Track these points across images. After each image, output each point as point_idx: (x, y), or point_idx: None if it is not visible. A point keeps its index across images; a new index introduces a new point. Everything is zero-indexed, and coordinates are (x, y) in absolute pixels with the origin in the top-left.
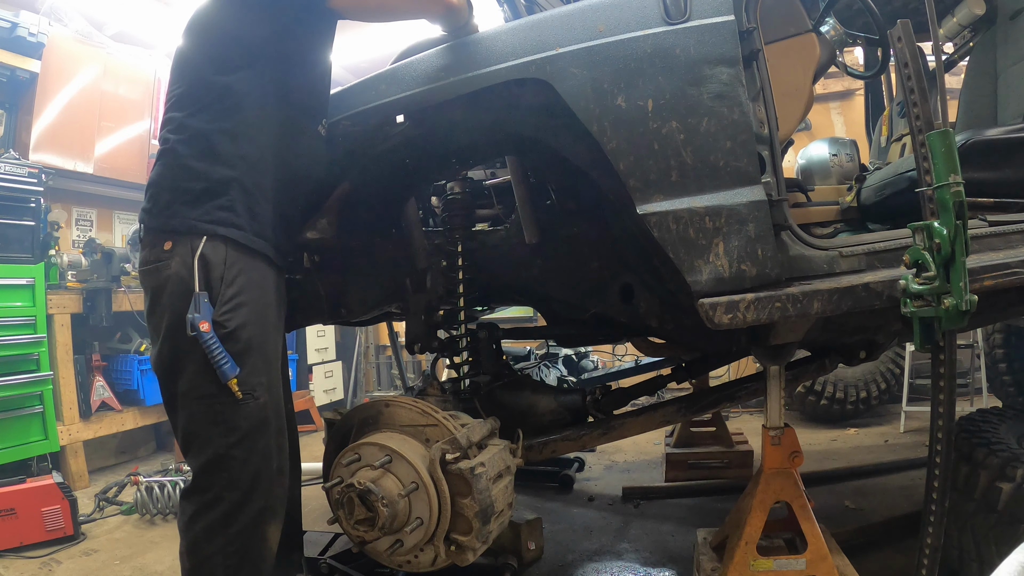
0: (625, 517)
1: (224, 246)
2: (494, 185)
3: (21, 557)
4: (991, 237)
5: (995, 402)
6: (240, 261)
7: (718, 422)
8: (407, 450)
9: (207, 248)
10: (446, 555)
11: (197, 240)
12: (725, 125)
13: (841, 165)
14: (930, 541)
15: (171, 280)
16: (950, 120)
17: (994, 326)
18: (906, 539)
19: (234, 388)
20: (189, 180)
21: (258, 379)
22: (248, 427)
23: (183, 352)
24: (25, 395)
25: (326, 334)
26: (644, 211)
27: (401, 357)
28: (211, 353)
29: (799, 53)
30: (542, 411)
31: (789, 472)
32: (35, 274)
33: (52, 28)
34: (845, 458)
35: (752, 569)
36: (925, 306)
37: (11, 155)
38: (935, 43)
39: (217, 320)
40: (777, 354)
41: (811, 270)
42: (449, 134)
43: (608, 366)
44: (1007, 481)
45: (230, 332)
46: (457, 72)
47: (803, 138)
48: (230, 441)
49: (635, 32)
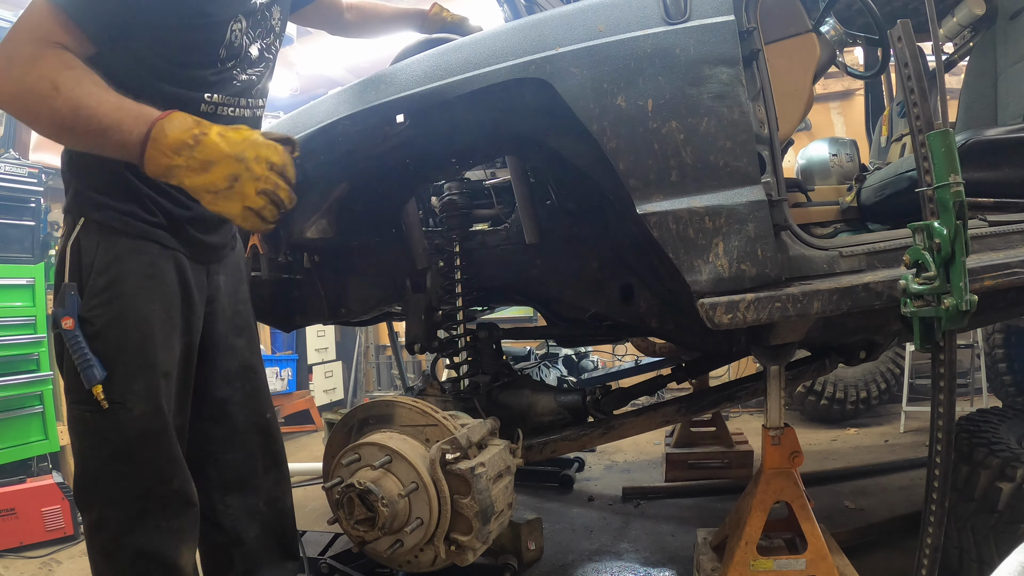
0: (625, 517)
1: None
2: (494, 185)
3: (21, 557)
4: (991, 237)
5: (995, 402)
6: (118, 246)
7: (718, 422)
8: (407, 450)
9: (82, 231)
10: (446, 555)
11: (75, 222)
12: (725, 125)
13: (841, 165)
14: (930, 541)
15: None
16: (950, 120)
17: (994, 326)
18: (906, 539)
19: (98, 395)
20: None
21: (131, 386)
22: (121, 441)
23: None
24: (25, 395)
25: (326, 334)
26: (644, 211)
27: (401, 357)
28: (74, 354)
29: (799, 53)
30: (542, 411)
31: (789, 472)
32: (35, 274)
33: None
34: (845, 458)
35: (752, 569)
36: (925, 306)
37: (11, 155)
38: (935, 43)
39: (84, 316)
40: (777, 354)
41: (811, 270)
42: (449, 134)
43: (608, 366)
44: (1007, 481)
45: (97, 330)
46: (457, 72)
47: (803, 138)
48: (100, 455)
49: (635, 32)
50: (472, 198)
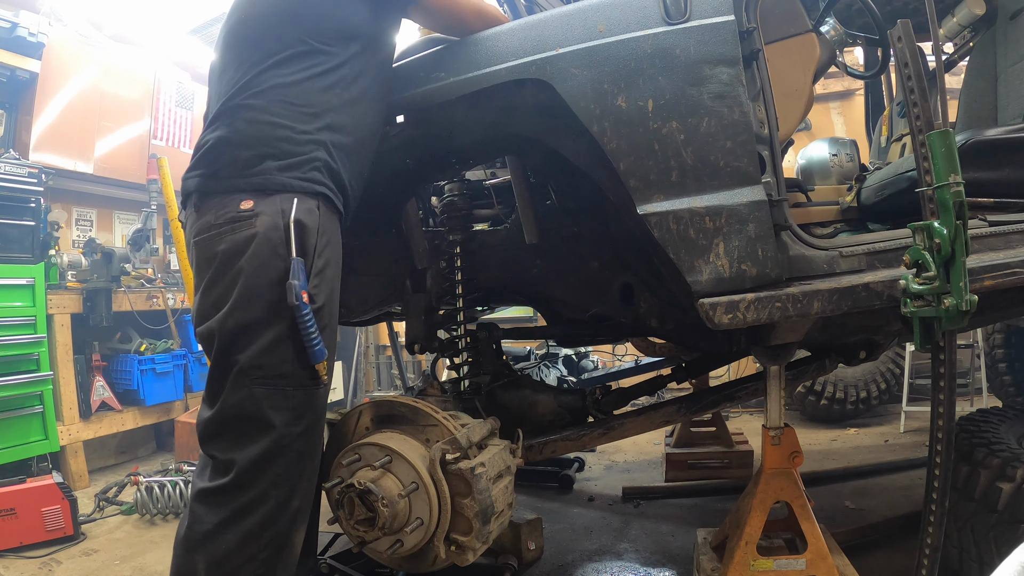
0: (625, 517)
1: (317, 209)
2: (494, 185)
3: (21, 557)
4: (991, 237)
5: (995, 402)
6: (329, 229)
7: (718, 422)
8: (407, 450)
9: (300, 210)
10: (446, 555)
11: (288, 201)
12: (725, 125)
13: (841, 165)
14: (930, 541)
15: (255, 241)
16: (950, 120)
17: (994, 326)
18: (906, 539)
19: (322, 372)
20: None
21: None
22: (314, 416)
23: (257, 323)
24: (25, 395)
25: None
26: (644, 211)
27: (401, 357)
28: (306, 330)
29: (799, 53)
30: (542, 411)
31: (789, 472)
32: (35, 274)
33: (52, 28)
34: (845, 458)
35: (752, 569)
36: (925, 306)
37: (11, 155)
38: (935, 43)
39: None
40: (777, 354)
41: (811, 270)
42: (449, 134)
43: (608, 366)
44: (1007, 481)
45: (319, 308)
46: (457, 72)
47: (803, 138)
48: (295, 431)
49: (635, 32)
50: (472, 198)
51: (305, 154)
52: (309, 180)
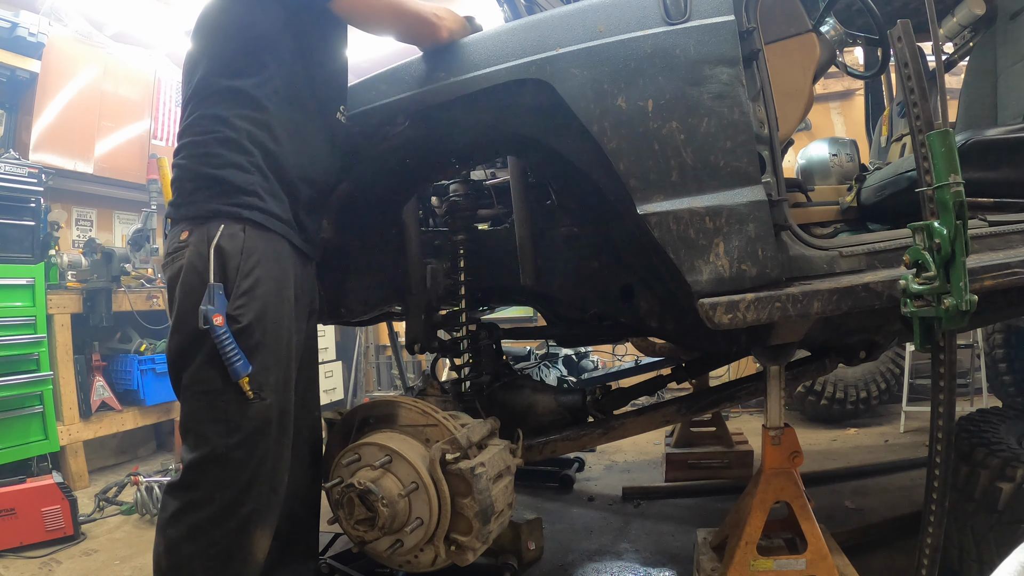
0: (625, 517)
1: (242, 233)
2: (494, 185)
3: (21, 557)
4: (991, 237)
5: (995, 402)
6: (259, 251)
7: (718, 422)
8: (407, 450)
9: (224, 236)
10: (446, 555)
11: (215, 228)
12: (725, 125)
13: (841, 165)
14: (930, 541)
15: (184, 270)
16: (950, 120)
17: (994, 326)
18: (906, 539)
19: (245, 387)
20: (209, 166)
21: (268, 378)
22: (251, 428)
23: (189, 344)
24: (25, 395)
25: (326, 334)
26: (644, 211)
27: (401, 357)
28: (223, 349)
29: (799, 53)
30: (542, 411)
31: (789, 472)
32: (35, 274)
33: (52, 28)
34: (845, 458)
35: (752, 569)
36: (925, 306)
37: (11, 155)
38: (935, 43)
39: (231, 314)
40: (777, 354)
41: (811, 270)
42: (449, 134)
43: (608, 366)
44: (1007, 481)
45: (244, 327)
46: (457, 73)
47: (803, 138)
48: (230, 441)
49: (635, 32)
50: (474, 198)
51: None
52: (237, 204)
